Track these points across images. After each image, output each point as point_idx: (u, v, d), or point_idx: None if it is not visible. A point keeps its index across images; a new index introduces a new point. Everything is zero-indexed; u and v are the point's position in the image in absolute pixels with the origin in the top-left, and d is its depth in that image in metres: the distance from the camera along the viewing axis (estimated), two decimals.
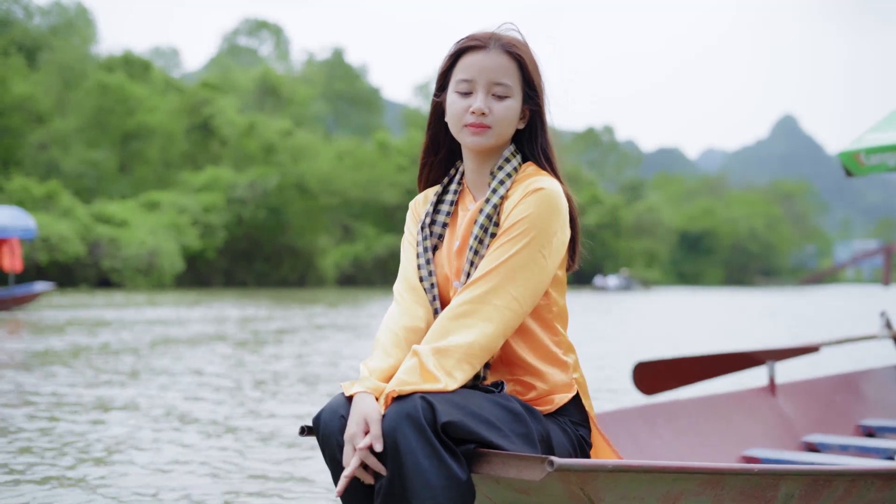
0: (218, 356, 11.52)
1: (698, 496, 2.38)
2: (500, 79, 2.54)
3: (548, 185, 2.51)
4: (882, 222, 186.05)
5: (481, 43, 2.56)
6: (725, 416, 4.57)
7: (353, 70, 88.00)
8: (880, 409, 5.37)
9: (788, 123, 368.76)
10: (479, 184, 2.65)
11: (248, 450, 5.56)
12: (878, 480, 2.79)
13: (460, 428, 2.21)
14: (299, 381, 9.04)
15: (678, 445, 4.17)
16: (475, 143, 2.56)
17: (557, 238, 2.51)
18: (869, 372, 5.61)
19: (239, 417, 6.76)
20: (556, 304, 2.62)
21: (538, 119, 2.64)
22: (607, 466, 2.18)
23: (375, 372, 2.40)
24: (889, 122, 5.38)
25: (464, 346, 2.36)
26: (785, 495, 2.55)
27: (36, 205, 41.26)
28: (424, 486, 2.15)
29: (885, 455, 4.44)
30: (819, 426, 4.99)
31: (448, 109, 2.59)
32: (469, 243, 2.55)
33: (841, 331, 17.26)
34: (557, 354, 2.59)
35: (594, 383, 8.76)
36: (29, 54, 55.31)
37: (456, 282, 2.59)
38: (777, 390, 4.95)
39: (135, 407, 7.25)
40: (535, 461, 2.17)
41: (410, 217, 2.77)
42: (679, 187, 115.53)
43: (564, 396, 2.56)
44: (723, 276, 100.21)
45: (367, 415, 2.24)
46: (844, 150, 5.38)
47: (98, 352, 11.77)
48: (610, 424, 3.91)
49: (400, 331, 2.52)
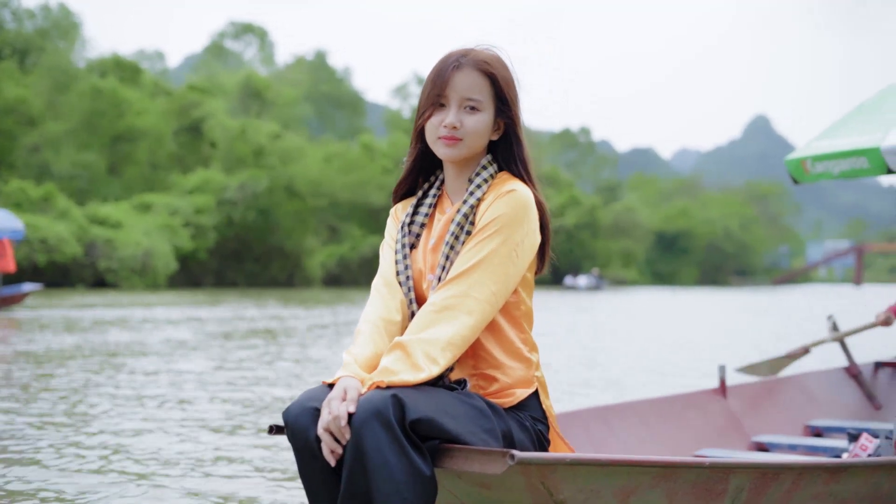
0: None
1: (652, 489, 2.45)
2: (472, 94, 2.67)
3: (519, 189, 2.65)
4: (853, 222, 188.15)
5: (456, 62, 2.70)
6: (678, 417, 4.70)
7: (337, 73, 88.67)
8: (828, 410, 5.51)
9: (761, 124, 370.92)
10: (457, 190, 2.79)
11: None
12: (824, 473, 2.88)
13: (428, 424, 2.30)
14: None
15: (632, 445, 4.29)
16: (447, 154, 2.70)
17: (528, 239, 2.65)
18: (817, 374, 5.77)
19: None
20: (524, 303, 2.73)
21: (512, 130, 2.76)
22: (566, 460, 2.26)
23: (359, 358, 2.53)
24: (835, 130, 5.47)
25: (447, 336, 2.49)
26: (735, 488, 2.62)
27: (33, 207, 42.04)
28: (388, 480, 2.23)
29: (832, 454, 4.56)
30: (768, 426, 5.10)
31: (426, 123, 2.73)
32: (445, 239, 2.67)
33: (815, 329, 17.46)
34: (522, 351, 2.70)
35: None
36: (20, 58, 55.96)
37: (430, 276, 2.72)
38: (728, 392, 5.06)
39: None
40: (496, 455, 2.23)
41: (391, 221, 2.90)
42: (655, 188, 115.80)
43: (525, 392, 2.66)
44: (697, 275, 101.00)
45: (347, 386, 2.37)
46: (790, 157, 5.50)
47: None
48: (567, 424, 4.00)
49: (379, 321, 2.65)
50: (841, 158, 5.06)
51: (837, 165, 5.09)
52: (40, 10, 60.80)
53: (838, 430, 5.11)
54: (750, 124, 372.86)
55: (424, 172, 2.88)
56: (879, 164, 4.86)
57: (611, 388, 9.45)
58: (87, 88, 51.78)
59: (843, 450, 4.47)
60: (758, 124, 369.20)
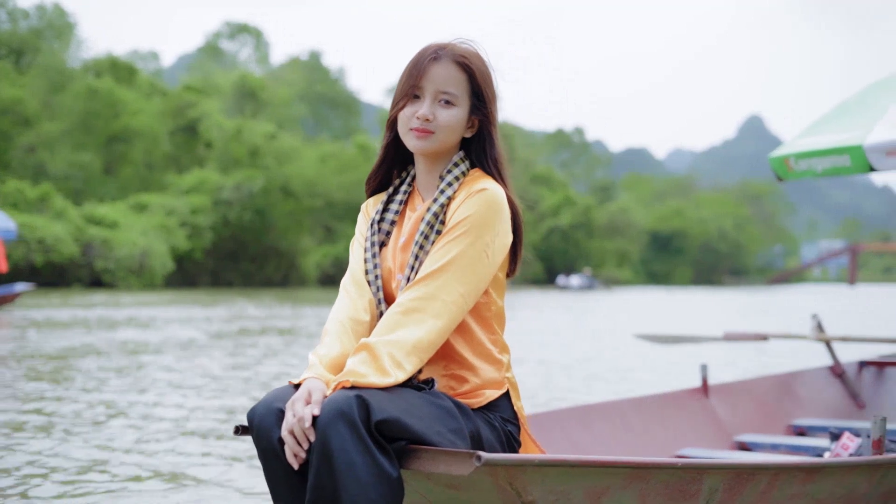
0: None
1: (624, 490, 2.41)
2: (447, 87, 2.62)
3: (491, 188, 2.59)
4: (847, 222, 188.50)
5: (434, 54, 2.64)
6: (659, 417, 4.63)
7: (332, 73, 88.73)
8: (812, 409, 5.47)
9: (755, 124, 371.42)
10: (428, 186, 2.72)
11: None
12: (800, 473, 2.85)
13: (394, 425, 2.26)
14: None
15: (612, 445, 4.23)
16: (417, 146, 2.64)
17: (500, 239, 2.59)
18: (801, 373, 5.74)
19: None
20: (495, 304, 2.68)
21: (487, 128, 2.70)
22: (534, 461, 2.22)
23: (324, 359, 2.49)
24: (818, 126, 5.41)
25: (413, 340, 2.43)
26: (709, 489, 2.58)
27: (30, 207, 42.15)
28: (355, 482, 2.19)
29: (815, 453, 4.50)
30: (751, 426, 5.06)
31: (399, 113, 2.67)
32: (415, 239, 2.61)
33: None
34: (493, 352, 2.66)
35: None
36: (15, 58, 56.02)
37: (399, 275, 2.66)
38: (710, 391, 5.02)
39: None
40: (463, 456, 2.20)
41: (362, 218, 2.83)
42: (649, 188, 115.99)
43: (495, 393, 2.62)
44: (692, 275, 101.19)
45: (311, 387, 2.33)
46: (774, 154, 5.41)
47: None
48: (545, 424, 3.94)
49: (346, 321, 2.61)
50: (823, 156, 5.00)
51: (820, 163, 5.03)
52: (35, 10, 60.86)
53: (822, 429, 5.07)
54: (744, 124, 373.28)
55: (398, 164, 2.82)
56: (862, 162, 4.80)
57: (591, 387, 9.37)
58: (82, 89, 51.84)
59: (825, 449, 4.43)
60: (752, 124, 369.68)
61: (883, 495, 3.23)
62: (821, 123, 5.40)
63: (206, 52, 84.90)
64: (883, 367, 5.89)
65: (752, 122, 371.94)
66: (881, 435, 3.30)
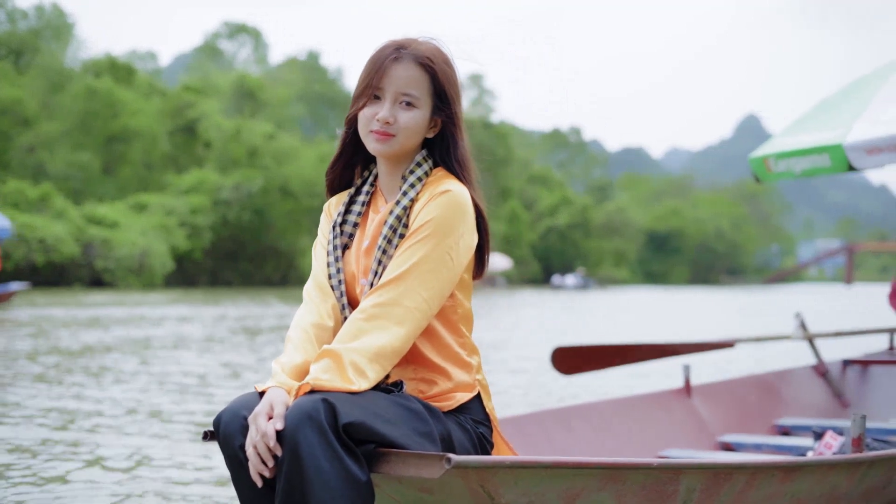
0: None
1: (599, 491, 2.38)
2: (408, 89, 2.55)
3: (454, 189, 2.53)
4: (843, 221, 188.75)
5: (394, 53, 2.57)
6: (641, 418, 4.57)
7: (329, 73, 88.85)
8: (796, 409, 5.43)
9: (751, 123, 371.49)
10: (391, 187, 2.66)
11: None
12: (779, 473, 2.82)
13: (361, 428, 2.22)
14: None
15: (593, 447, 4.17)
16: (378, 150, 2.58)
17: (464, 240, 2.53)
18: (785, 372, 5.69)
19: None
20: (462, 306, 2.64)
21: (450, 128, 2.63)
22: (505, 463, 2.19)
23: (287, 367, 2.42)
24: (799, 125, 5.35)
25: (376, 348, 2.38)
26: (687, 489, 2.55)
27: (30, 207, 42.38)
28: (324, 487, 2.16)
29: (798, 453, 4.43)
30: (735, 426, 5.01)
31: (359, 113, 2.61)
32: (378, 243, 2.55)
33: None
34: (461, 355, 2.61)
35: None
36: (14, 58, 56.16)
37: (363, 280, 2.60)
38: (693, 391, 4.98)
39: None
40: (433, 459, 2.17)
41: (325, 218, 2.76)
42: (646, 187, 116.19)
43: (466, 395, 2.59)
44: (689, 275, 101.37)
45: (273, 400, 2.26)
46: (754, 155, 5.32)
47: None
48: (525, 426, 3.89)
49: (309, 328, 2.54)
50: (803, 156, 4.92)
51: (799, 163, 4.95)
52: (34, 11, 60.98)
53: (805, 428, 5.03)
54: (741, 124, 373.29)
55: (359, 161, 2.75)
56: (841, 162, 4.73)
57: (573, 388, 9.24)
58: (81, 89, 52.03)
59: (809, 448, 4.38)
60: (749, 124, 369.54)
61: (864, 494, 3.23)
62: (801, 122, 5.34)
63: (203, 52, 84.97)
64: (867, 366, 5.88)
65: (748, 122, 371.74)
66: (861, 433, 3.29)
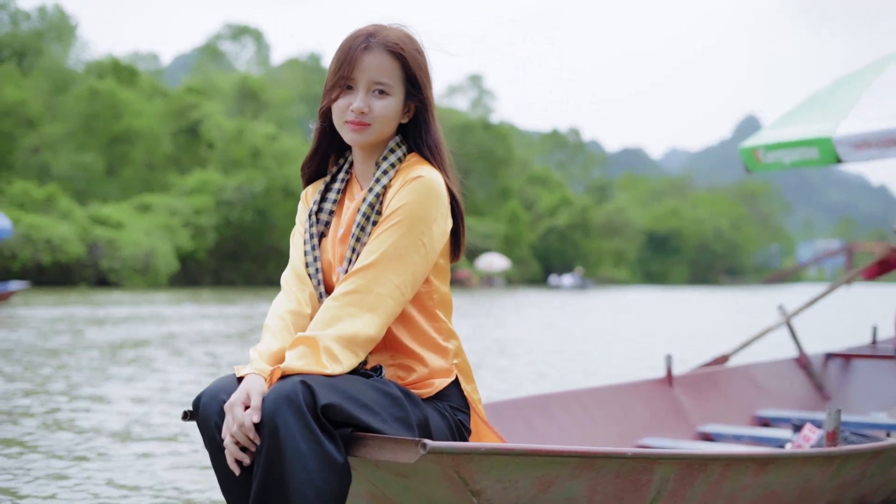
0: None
1: (573, 480, 2.39)
2: (380, 78, 2.55)
3: (427, 174, 2.53)
4: (842, 221, 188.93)
5: (364, 42, 2.57)
6: (622, 406, 4.57)
7: None
8: (776, 400, 5.45)
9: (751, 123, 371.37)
10: (365, 174, 2.66)
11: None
12: (753, 465, 2.83)
13: (339, 411, 2.23)
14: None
15: (574, 434, 4.17)
16: (354, 139, 2.59)
17: (437, 225, 2.53)
18: (767, 364, 5.71)
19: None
20: (438, 291, 2.64)
21: (423, 113, 2.64)
22: (480, 449, 2.20)
23: (264, 355, 2.42)
24: (790, 117, 5.38)
25: (349, 335, 2.38)
26: (661, 479, 2.56)
27: (36, 207, 42.73)
28: (301, 469, 2.16)
29: (777, 444, 4.45)
30: (715, 416, 5.03)
31: (333, 105, 2.61)
32: (352, 231, 2.56)
33: (801, 328, 17.38)
34: (437, 340, 2.62)
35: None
36: (17, 59, 56.50)
37: (339, 267, 2.60)
38: (674, 381, 4.98)
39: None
40: (409, 444, 2.18)
41: (302, 206, 2.77)
42: (645, 188, 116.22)
43: (444, 381, 2.59)
44: (688, 275, 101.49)
45: (250, 388, 2.26)
46: (744, 145, 5.38)
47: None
48: (506, 413, 3.89)
49: (286, 315, 2.55)
50: (792, 148, 4.98)
51: (788, 155, 5.00)
52: (36, 12, 61.27)
53: (785, 420, 5.06)
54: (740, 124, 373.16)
55: (334, 150, 2.77)
56: (830, 155, 4.78)
57: (555, 377, 9.36)
58: (84, 90, 52.40)
59: (787, 440, 4.41)
60: (748, 124, 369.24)
61: (837, 488, 3.26)
62: (793, 114, 5.38)
63: (204, 53, 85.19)
64: (849, 360, 5.95)
65: (748, 122, 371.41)
66: (835, 427, 3.32)
